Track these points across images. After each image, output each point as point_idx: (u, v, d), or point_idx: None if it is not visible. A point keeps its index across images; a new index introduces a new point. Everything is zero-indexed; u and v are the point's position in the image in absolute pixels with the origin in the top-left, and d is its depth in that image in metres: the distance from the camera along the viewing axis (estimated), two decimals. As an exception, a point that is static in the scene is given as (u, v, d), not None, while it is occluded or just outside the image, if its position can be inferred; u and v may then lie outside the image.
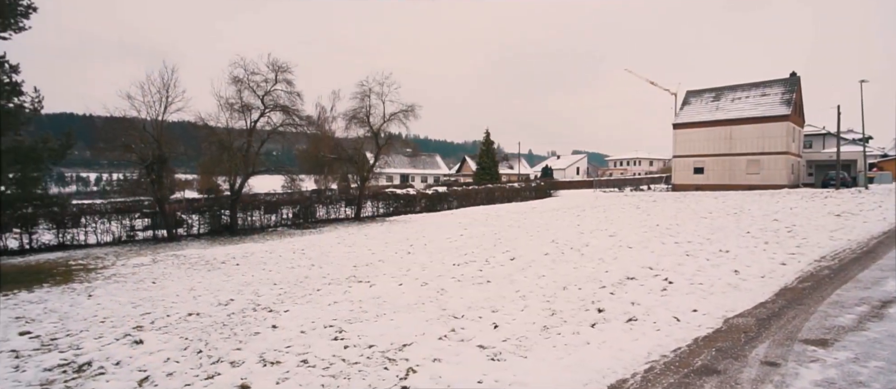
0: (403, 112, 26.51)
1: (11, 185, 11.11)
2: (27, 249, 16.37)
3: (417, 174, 66.23)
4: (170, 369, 5.06)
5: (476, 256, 11.45)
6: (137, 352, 5.61)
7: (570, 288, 7.70)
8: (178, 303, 8.15)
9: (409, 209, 29.18)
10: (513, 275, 8.94)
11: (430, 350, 5.29)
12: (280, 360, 5.17)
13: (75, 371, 5.09)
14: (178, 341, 6.01)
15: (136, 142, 18.50)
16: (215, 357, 5.37)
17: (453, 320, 6.38)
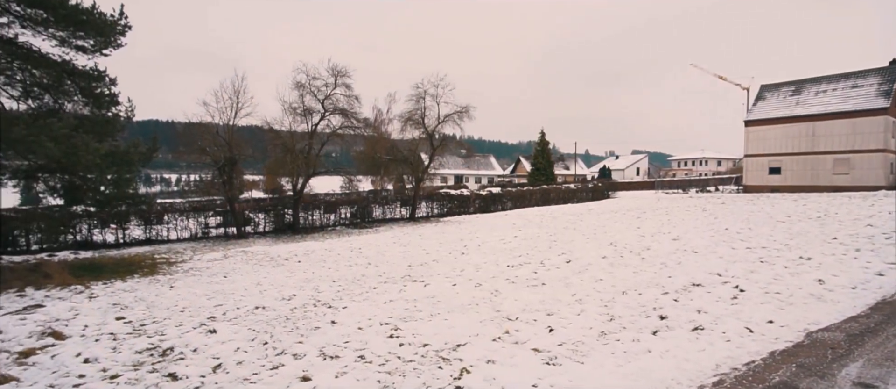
0: (458, 113, 26.64)
1: (110, 185, 12.36)
2: (121, 243, 18.13)
3: (471, 175, 66.32)
4: (239, 358, 5.39)
5: (530, 258, 11.27)
6: (211, 341, 6.03)
7: (629, 293, 7.37)
8: (246, 297, 8.67)
9: (462, 210, 29.27)
10: (568, 278, 8.70)
11: (484, 351, 5.27)
12: (338, 355, 5.36)
13: (160, 355, 5.56)
14: (246, 332, 6.39)
15: (210, 145, 19.99)
16: (279, 348, 5.66)
17: (507, 322, 6.31)
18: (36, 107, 11.55)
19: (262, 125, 21.98)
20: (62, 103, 11.95)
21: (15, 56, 10.83)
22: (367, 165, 27.20)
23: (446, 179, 58.76)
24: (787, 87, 36.55)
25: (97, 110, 12.25)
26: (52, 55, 11.32)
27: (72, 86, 11.78)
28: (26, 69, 11.03)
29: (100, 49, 11.85)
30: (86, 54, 11.83)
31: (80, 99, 12.15)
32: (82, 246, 17.09)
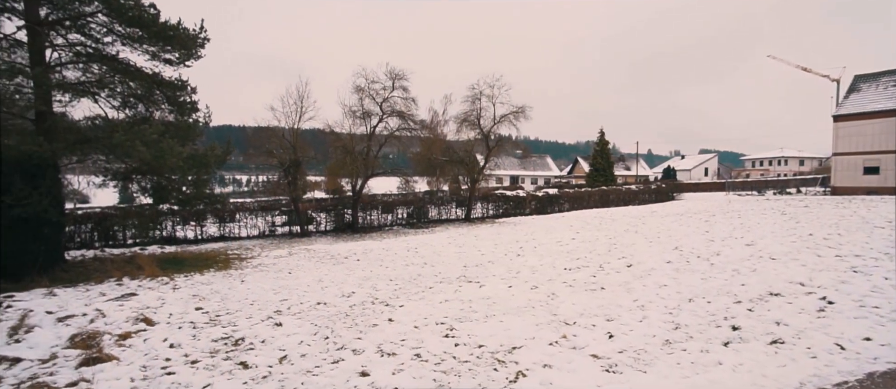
0: (513, 114, 26.39)
1: (190, 186, 13.48)
2: (199, 239, 19.71)
3: (527, 176, 65.37)
4: (303, 351, 5.67)
5: (589, 261, 10.92)
6: (278, 333, 6.39)
7: (696, 301, 6.94)
8: (309, 293, 9.10)
9: (518, 211, 28.93)
10: (630, 283, 8.34)
11: (541, 354, 5.18)
12: (395, 352, 5.49)
13: (233, 344, 5.99)
14: (309, 326, 6.71)
15: (277, 148, 21.24)
16: (339, 343, 5.89)
17: (564, 326, 6.17)
18: (131, 115, 12.82)
19: (324, 128, 23.05)
20: (152, 111, 13.18)
21: (116, 70, 12.10)
22: (423, 166, 27.64)
23: (502, 180, 58.33)
24: (888, 77, 32.66)
25: (180, 117, 13.38)
26: (144, 68, 12.54)
27: (160, 95, 12.96)
28: (125, 82, 12.28)
29: (183, 61, 12.96)
30: (172, 66, 12.98)
31: (166, 107, 13.33)
32: (167, 241, 18.76)
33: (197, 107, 13.46)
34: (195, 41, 12.63)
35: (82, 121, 12.56)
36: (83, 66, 12.08)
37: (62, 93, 11.64)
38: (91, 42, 12.00)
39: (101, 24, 11.81)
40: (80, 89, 11.88)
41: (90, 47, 12.02)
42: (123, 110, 12.84)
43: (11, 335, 6.18)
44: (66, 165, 12.64)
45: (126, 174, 13.10)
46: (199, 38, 12.73)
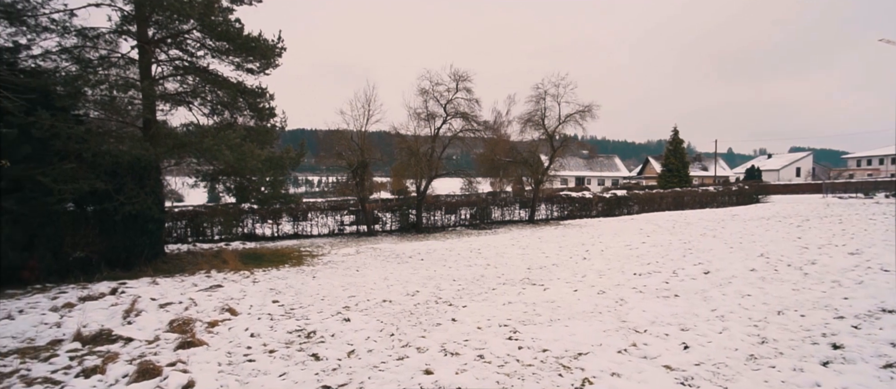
0: (579, 113, 25.63)
1: (268, 186, 14.52)
2: (275, 236, 21.12)
3: (594, 177, 63.12)
4: (369, 346, 5.88)
5: (661, 266, 10.32)
6: (346, 328, 6.67)
7: (787, 314, 6.31)
8: (375, 290, 9.42)
9: (584, 213, 28.00)
10: (707, 291, 7.77)
11: (608, 362, 4.98)
12: (459, 352, 5.53)
13: (306, 337, 6.35)
14: (375, 323, 6.94)
15: (345, 150, 22.24)
16: (404, 341, 6.04)
17: (634, 333, 5.88)
18: (218, 121, 14.04)
19: (390, 130, 23.78)
20: (236, 117, 14.35)
21: (207, 81, 13.35)
22: (486, 167, 27.61)
23: (567, 181, 56.75)
24: None
25: (260, 122, 14.44)
26: (230, 78, 13.68)
27: (243, 102, 14.08)
28: (214, 91, 13.50)
29: (263, 70, 13.99)
30: (253, 75, 14.06)
31: (248, 113, 14.45)
32: (248, 238, 20.29)
33: (274, 112, 14.46)
34: (274, 51, 13.57)
35: (179, 127, 13.94)
36: (181, 78, 13.44)
37: (164, 103, 13.02)
38: (187, 56, 13.32)
39: (195, 40, 13.07)
40: (177, 99, 13.22)
41: (187, 61, 13.35)
42: (212, 117, 14.09)
43: (125, 317, 7.00)
44: (165, 167, 14.11)
45: (213, 175, 14.36)
46: (277, 48, 13.66)
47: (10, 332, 6.42)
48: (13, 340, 6.14)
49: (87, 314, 7.23)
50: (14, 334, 6.36)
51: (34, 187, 9.81)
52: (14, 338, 6.21)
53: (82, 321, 6.71)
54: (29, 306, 7.86)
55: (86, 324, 6.58)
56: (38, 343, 6.01)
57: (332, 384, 4.70)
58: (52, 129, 9.73)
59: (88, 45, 11.72)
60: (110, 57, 12.13)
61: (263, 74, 14.16)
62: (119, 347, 5.86)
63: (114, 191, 10.96)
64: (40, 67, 10.94)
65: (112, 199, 10.96)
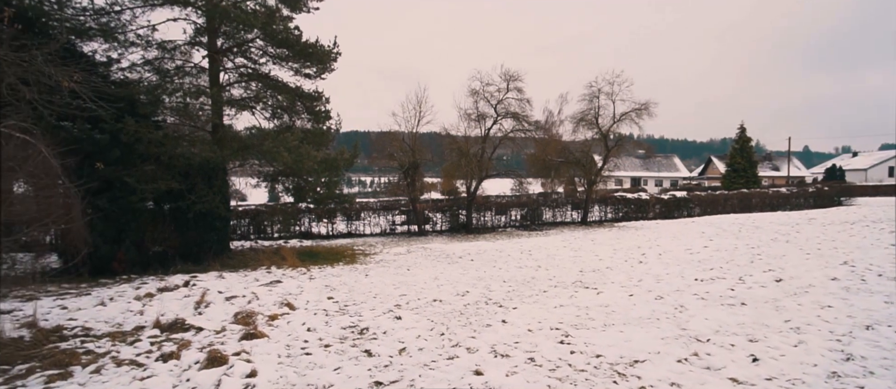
0: (636, 111, 24.61)
1: (323, 186, 15.11)
2: (330, 235, 21.93)
3: (651, 177, 60.38)
4: (420, 344, 5.96)
5: (725, 272, 9.70)
6: (397, 326, 6.81)
7: (878, 329, 5.73)
8: (425, 289, 9.53)
9: (640, 215, 26.86)
10: (779, 300, 7.21)
11: (667, 371, 4.75)
12: (509, 354, 5.48)
13: (359, 333, 6.54)
14: (426, 322, 7.03)
15: (397, 151, 22.70)
16: (454, 341, 6.07)
17: (696, 342, 5.57)
18: (278, 124, 14.79)
19: (440, 131, 24.01)
20: (294, 120, 15.05)
21: (268, 86, 14.12)
22: (537, 167, 27.18)
23: (622, 181, 54.67)
24: None
25: (316, 125, 15.04)
26: (289, 83, 14.38)
27: (301, 106, 14.74)
28: (274, 96, 14.26)
29: (320, 74, 14.58)
30: (310, 80, 14.69)
31: (305, 116, 15.11)
32: (305, 236, 21.20)
33: (329, 115, 15.01)
34: (329, 56, 14.11)
35: (243, 131, 14.82)
36: (245, 84, 14.30)
37: (230, 108, 13.89)
38: (251, 63, 14.16)
39: (258, 48, 13.87)
40: (242, 104, 14.06)
41: (250, 68, 14.18)
42: (272, 120, 14.86)
43: (196, 308, 7.55)
44: (231, 168, 15.05)
45: (273, 176, 15.13)
46: (333, 53, 14.18)
47: (104, 317, 7.12)
48: (105, 324, 6.81)
49: (164, 303, 7.87)
50: (106, 319, 7.04)
51: (121, 187, 10.80)
52: (106, 323, 6.88)
53: (160, 310, 7.31)
54: (117, 294, 8.67)
55: (163, 313, 7.17)
56: (125, 328, 6.62)
57: (384, 380, 4.82)
58: (136, 134, 10.66)
59: (166, 57, 12.76)
60: (185, 67, 13.13)
61: (320, 79, 14.75)
62: (191, 335, 6.32)
63: (186, 191, 11.84)
64: (127, 78, 12.05)
65: (185, 198, 11.84)
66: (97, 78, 9.07)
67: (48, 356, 5.37)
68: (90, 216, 8.49)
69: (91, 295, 8.59)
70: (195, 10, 12.53)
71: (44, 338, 5.99)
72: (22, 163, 5.32)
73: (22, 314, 6.95)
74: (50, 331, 6.28)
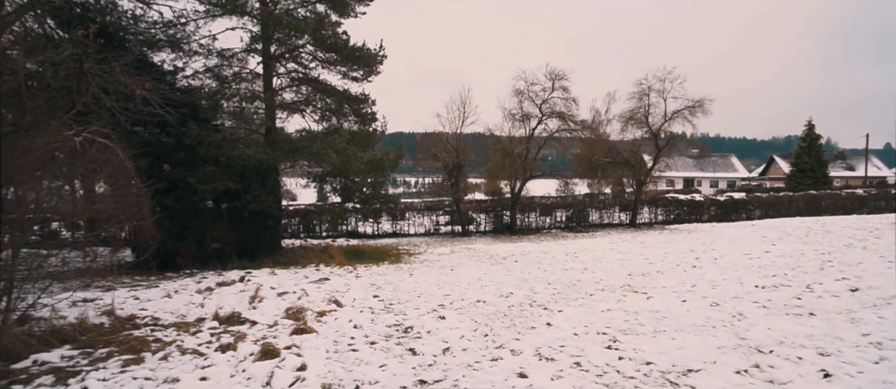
0: (689, 109, 23.48)
1: (369, 187, 15.49)
2: (375, 234, 22.42)
3: (705, 178, 57.39)
4: (464, 345, 5.97)
5: (790, 279, 9.05)
6: (441, 326, 6.85)
7: (970, 346, 5.16)
8: (469, 290, 9.53)
9: (693, 217, 25.59)
10: (855, 312, 6.64)
11: (724, 382, 4.51)
12: (554, 357, 5.39)
13: (403, 332, 6.64)
14: (469, 323, 7.03)
15: (441, 152, 22.88)
16: (498, 342, 6.04)
17: (756, 353, 5.24)
18: (327, 127, 15.31)
19: (484, 132, 24.02)
20: (341, 122, 15.52)
21: (317, 90, 14.68)
22: (583, 168, 26.56)
23: (673, 182, 52.28)
24: None
25: (362, 127, 15.44)
26: (337, 86, 14.86)
27: (348, 108, 15.19)
28: (323, 99, 14.78)
29: (366, 77, 14.97)
30: (357, 83, 15.13)
31: (352, 118, 15.55)
32: (351, 235, 21.79)
33: (375, 117, 15.37)
34: (375, 59, 14.45)
35: (293, 133, 15.45)
36: (296, 88, 14.92)
37: (282, 111, 14.54)
38: (302, 68, 14.76)
39: (308, 53, 14.44)
40: (293, 107, 14.67)
41: (301, 73, 14.79)
42: (321, 123, 15.40)
43: (251, 303, 7.96)
44: (282, 169, 15.72)
45: (322, 177, 15.67)
46: (379, 56, 14.51)
47: (170, 308, 7.65)
48: (171, 315, 7.31)
49: (222, 297, 8.35)
50: (172, 310, 7.57)
51: (185, 187, 11.57)
52: (172, 313, 7.39)
53: (219, 304, 7.76)
54: (181, 287, 9.29)
55: (221, 306, 7.60)
56: (188, 319, 7.08)
57: (429, 379, 4.87)
58: (198, 137, 11.39)
59: (225, 64, 13.55)
60: (241, 73, 13.88)
61: (366, 82, 15.15)
62: (246, 328, 6.66)
63: (242, 191, 12.49)
64: (191, 85, 12.90)
65: (241, 198, 12.50)
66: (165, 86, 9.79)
67: (124, 342, 5.84)
68: (158, 214, 9.14)
69: (159, 288, 9.25)
70: (251, 19, 13.21)
71: (120, 325, 6.52)
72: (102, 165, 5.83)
73: (102, 302, 7.59)
74: (125, 319, 6.82)
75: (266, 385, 4.72)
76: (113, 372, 4.97)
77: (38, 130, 5.24)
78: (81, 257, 7.51)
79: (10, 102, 5.13)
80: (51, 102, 5.42)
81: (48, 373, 4.92)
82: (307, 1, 14.09)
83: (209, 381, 4.78)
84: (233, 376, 4.92)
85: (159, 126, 10.67)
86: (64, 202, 6.91)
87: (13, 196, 5.56)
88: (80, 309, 6.90)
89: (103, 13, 10.61)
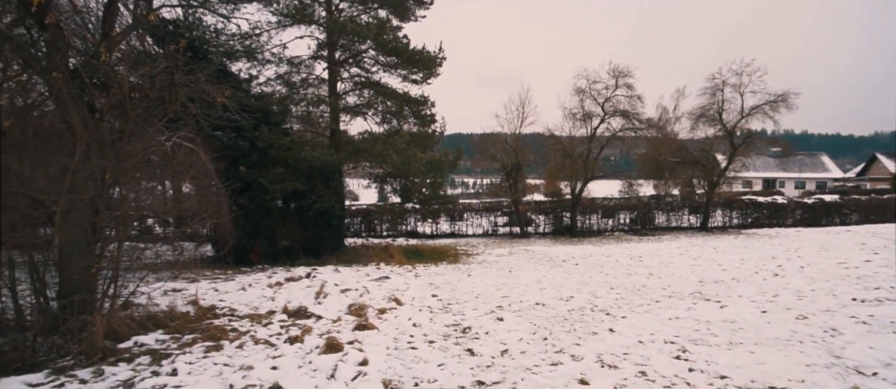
0: (770, 104, 21.60)
1: (428, 187, 15.74)
2: (433, 234, 22.71)
3: (789, 179, 52.56)
4: (522, 348, 5.89)
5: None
6: (499, 327, 6.81)
7: None
8: (527, 292, 9.39)
9: (775, 222, 23.51)
10: (977, 333, 5.79)
11: (813, 405, 4.10)
12: (617, 365, 5.18)
13: (461, 332, 6.68)
14: (528, 325, 6.93)
15: (499, 152, 22.76)
16: (558, 347, 5.90)
17: (855, 374, 4.72)
18: (387, 129, 15.75)
19: (544, 132, 23.59)
20: (401, 124, 15.89)
21: (379, 93, 15.15)
22: (649, 168, 25.30)
23: (751, 183, 48.34)
24: None
25: (422, 128, 15.72)
26: (397, 89, 15.25)
27: (408, 111, 15.53)
28: (384, 102, 15.24)
29: (426, 79, 15.24)
30: (417, 85, 15.44)
31: (412, 120, 15.88)
32: (410, 235, 22.22)
33: (434, 119, 15.59)
34: (435, 61, 14.66)
35: (356, 135, 16.06)
36: (358, 92, 15.50)
37: (345, 114, 15.17)
38: (364, 72, 15.31)
39: (371, 57, 14.96)
40: (355, 110, 15.25)
41: (363, 77, 15.34)
42: (382, 125, 15.87)
43: (316, 298, 8.38)
44: (345, 170, 16.38)
45: (383, 178, 16.14)
46: (439, 58, 14.72)
47: (244, 301, 8.24)
48: (246, 307, 7.87)
49: (290, 292, 8.84)
50: (246, 302, 8.14)
51: (258, 187, 12.39)
52: (246, 306, 7.95)
53: (287, 298, 8.23)
54: (254, 281, 9.96)
55: (290, 301, 8.05)
56: (260, 312, 7.58)
57: (487, 380, 4.86)
58: (269, 140, 12.16)
59: (294, 71, 14.38)
60: (308, 79, 14.65)
61: (426, 84, 15.41)
62: (312, 322, 7.01)
63: (308, 191, 13.16)
64: (263, 91, 13.81)
65: (307, 197, 13.18)
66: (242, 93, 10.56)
67: (206, 329, 6.37)
68: (234, 213, 9.88)
69: (235, 281, 9.98)
70: (318, 27, 13.90)
71: (202, 314, 7.11)
72: (188, 167, 6.42)
73: (187, 292, 8.32)
74: (207, 309, 7.44)
75: (330, 377, 4.94)
76: (197, 357, 5.43)
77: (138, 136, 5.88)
78: (171, 250, 8.28)
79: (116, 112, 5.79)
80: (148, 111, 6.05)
81: (146, 354, 5.47)
82: (369, 7, 14.58)
83: (279, 370, 5.09)
84: (300, 367, 5.20)
85: (236, 131, 11.51)
86: (157, 201, 7.67)
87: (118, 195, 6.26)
88: (170, 298, 7.60)
89: (191, 29, 11.65)
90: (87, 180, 5.48)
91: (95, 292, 5.86)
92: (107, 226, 6.00)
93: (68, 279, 5.63)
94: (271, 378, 4.83)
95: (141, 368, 5.10)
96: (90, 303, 5.68)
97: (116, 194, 6.28)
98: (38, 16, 5.26)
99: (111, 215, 6.05)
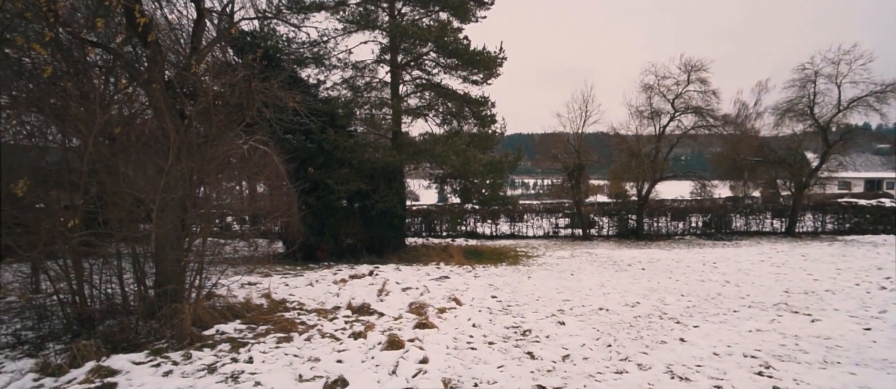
0: (876, 94, 19.22)
1: (488, 188, 15.71)
2: (493, 235, 22.62)
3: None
4: (585, 354, 5.71)
5: None
6: (560, 332, 6.64)
7: None
8: (590, 296, 9.09)
9: (878, 227, 20.93)
10: None
11: (926, 437, 3.61)
12: (689, 377, 4.87)
13: (521, 334, 6.59)
14: (591, 331, 6.70)
15: (561, 153, 22.20)
16: (623, 354, 5.65)
17: (978, 406, 4.10)
18: (447, 130, 15.90)
19: (608, 131, 22.72)
20: (462, 125, 15.97)
21: (439, 94, 15.35)
22: (724, 168, 23.56)
23: (850, 184, 43.37)
24: None
25: (482, 129, 15.70)
26: (458, 90, 15.36)
27: (468, 112, 15.58)
28: (444, 103, 15.41)
29: (486, 80, 15.22)
30: (477, 86, 15.44)
31: (472, 121, 15.90)
32: (470, 235, 22.28)
33: (494, 119, 15.52)
34: (495, 62, 14.60)
35: (417, 137, 16.35)
36: (419, 94, 15.79)
37: (407, 116, 15.51)
38: (425, 75, 15.58)
39: (432, 60, 15.19)
40: (416, 112, 15.55)
41: (424, 79, 15.61)
42: (442, 126, 16.05)
43: (378, 295, 8.65)
44: (406, 171, 16.75)
45: (443, 178, 16.30)
46: (499, 59, 14.64)
47: (312, 296, 8.69)
48: (313, 301, 8.29)
49: (354, 289, 9.19)
50: (313, 297, 8.58)
51: (324, 188, 13.02)
52: (313, 300, 8.38)
53: (352, 295, 8.56)
54: (321, 278, 10.47)
55: (354, 297, 8.37)
56: (326, 307, 7.95)
57: (547, 385, 4.76)
58: (335, 142, 12.73)
59: (358, 75, 14.95)
60: (372, 82, 15.16)
61: (486, 85, 15.39)
62: (375, 319, 7.24)
63: (371, 191, 13.61)
64: (330, 95, 14.48)
65: (370, 198, 13.63)
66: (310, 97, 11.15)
67: (278, 321, 6.79)
68: (303, 212, 10.44)
69: (303, 277, 10.54)
70: (381, 32, 14.35)
71: (275, 307, 7.59)
72: (263, 169, 6.90)
73: (261, 286, 8.92)
74: (278, 302, 7.93)
75: (392, 373, 5.07)
76: (270, 347, 5.80)
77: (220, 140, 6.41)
78: (247, 246, 8.92)
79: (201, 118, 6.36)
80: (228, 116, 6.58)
81: (226, 342, 5.94)
82: (431, 10, 14.81)
83: (344, 364, 5.30)
84: (363, 361, 5.39)
85: (304, 133, 12.15)
86: (235, 200, 8.30)
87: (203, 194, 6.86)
88: (246, 291, 8.19)
89: (266, 39, 12.49)
90: (178, 180, 6.07)
91: (184, 282, 6.45)
92: (193, 222, 6.58)
93: (162, 270, 6.25)
94: (337, 371, 5.04)
95: (222, 354, 5.53)
96: (180, 293, 6.27)
97: (201, 193, 6.88)
98: (143, 34, 5.89)
99: (197, 213, 6.63)
